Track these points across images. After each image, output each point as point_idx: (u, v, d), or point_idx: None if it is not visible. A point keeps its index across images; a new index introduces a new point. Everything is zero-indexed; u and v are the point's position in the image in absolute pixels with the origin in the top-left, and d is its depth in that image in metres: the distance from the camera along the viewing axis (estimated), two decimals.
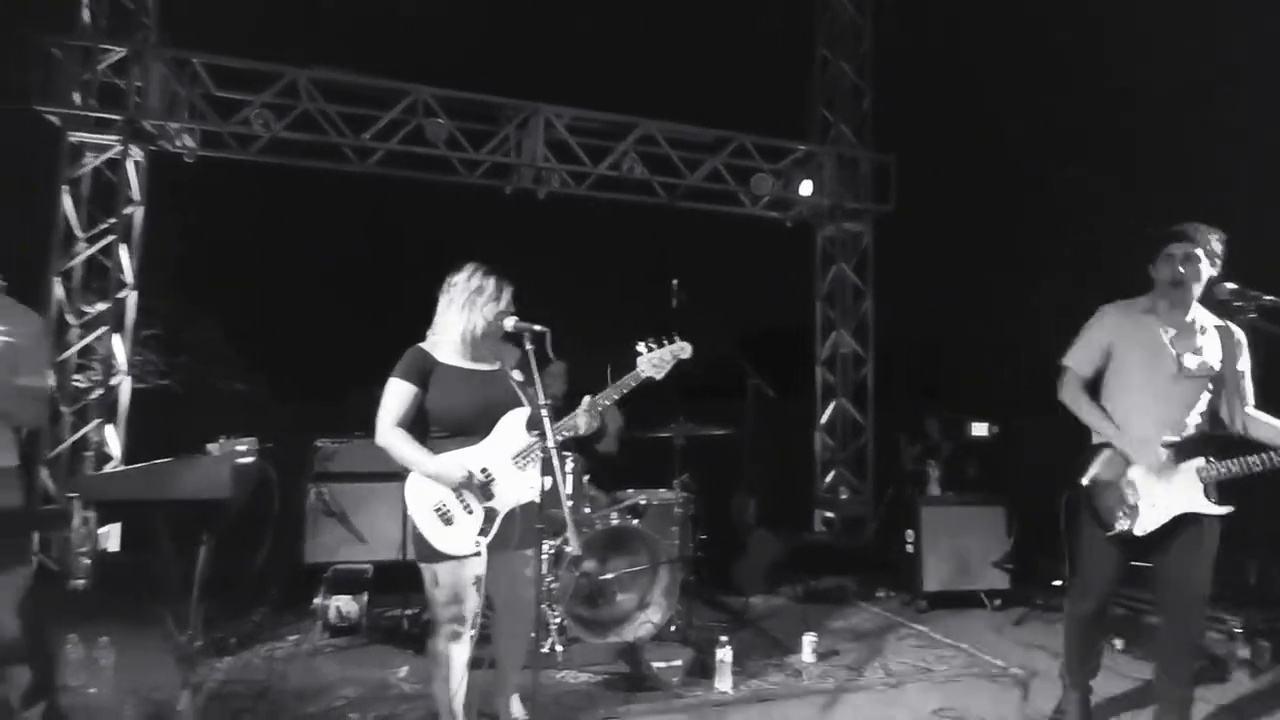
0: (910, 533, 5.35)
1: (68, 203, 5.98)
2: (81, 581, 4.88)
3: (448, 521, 2.68)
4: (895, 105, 8.05)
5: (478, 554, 2.69)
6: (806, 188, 7.59)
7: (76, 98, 5.85)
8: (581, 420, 2.78)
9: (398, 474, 2.76)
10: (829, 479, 8.02)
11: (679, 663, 3.76)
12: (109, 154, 6.07)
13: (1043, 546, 5.26)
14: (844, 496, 7.93)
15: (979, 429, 6.53)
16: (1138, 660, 4.19)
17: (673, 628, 4.30)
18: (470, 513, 2.69)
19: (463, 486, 2.67)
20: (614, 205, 7.34)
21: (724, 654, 3.72)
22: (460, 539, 2.68)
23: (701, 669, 3.80)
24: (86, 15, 6.03)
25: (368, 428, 2.74)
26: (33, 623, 2.57)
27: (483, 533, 2.69)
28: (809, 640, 4.15)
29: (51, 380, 2.65)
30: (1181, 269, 2.96)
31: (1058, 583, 5.12)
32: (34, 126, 5.85)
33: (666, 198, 7.45)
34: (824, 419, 8.11)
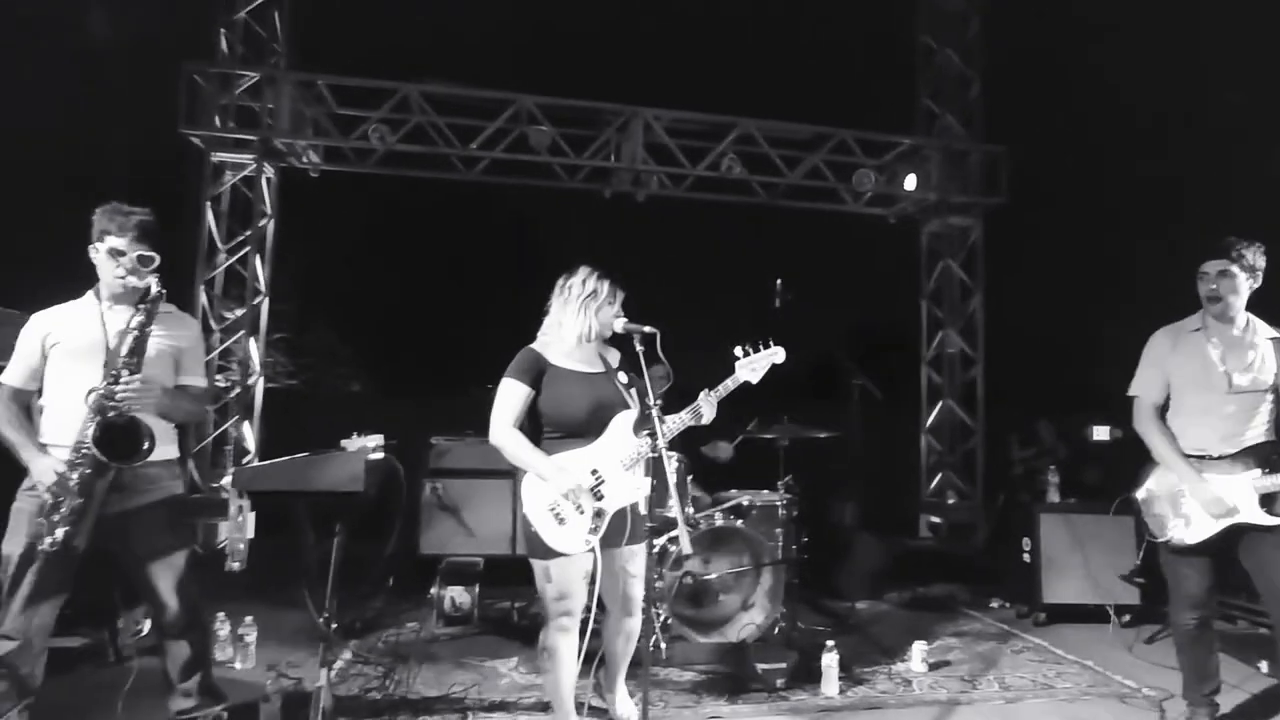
0: (1027, 541, 5.09)
1: (210, 218, 6.53)
2: (238, 565, 5.32)
3: (560, 520, 2.76)
4: (1007, 93, 7.68)
5: (589, 551, 2.76)
6: (911, 182, 7.36)
7: (216, 121, 6.38)
8: (705, 409, 2.82)
9: (507, 471, 2.87)
10: (935, 483, 7.75)
11: (783, 665, 3.73)
12: (245, 171, 6.59)
13: None
14: (951, 501, 7.64)
15: (1101, 433, 6.15)
16: None
17: (776, 630, 4.27)
18: (581, 512, 2.76)
19: (570, 495, 2.75)
20: (714, 206, 7.35)
21: (830, 659, 3.66)
22: (572, 537, 2.75)
23: (806, 673, 3.75)
24: (224, 44, 6.57)
25: (477, 426, 2.86)
26: (192, 601, 2.83)
27: (593, 531, 2.76)
28: (919, 648, 4.03)
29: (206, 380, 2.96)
30: (1215, 285, 3.03)
31: None
32: (182, 148, 6.43)
33: (766, 197, 7.39)
34: (929, 421, 7.84)
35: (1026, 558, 5.09)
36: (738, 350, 2.86)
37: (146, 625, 3.76)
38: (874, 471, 6.59)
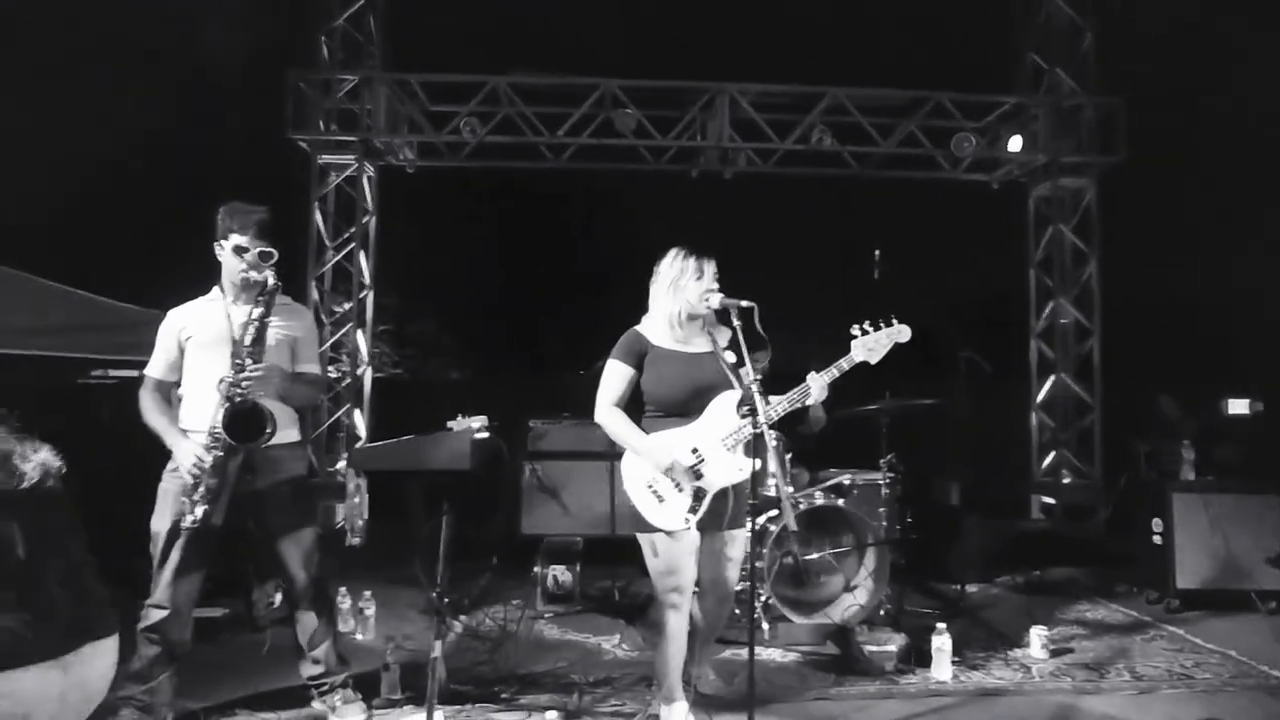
0: (1158, 522, 4.74)
1: (318, 217, 6.89)
2: (358, 540, 5.63)
3: (659, 498, 2.77)
4: (1123, 42, 7.08)
5: (688, 529, 2.76)
6: (1016, 144, 6.94)
7: (320, 124, 6.70)
8: (814, 390, 2.75)
9: (603, 454, 2.90)
10: (1048, 462, 7.34)
11: (892, 648, 3.63)
12: (348, 171, 6.90)
13: None
14: (1066, 481, 7.21)
15: (1238, 406, 5.64)
16: None
17: (882, 612, 4.16)
18: (680, 491, 2.77)
19: (668, 472, 2.75)
20: (805, 180, 7.16)
21: (942, 642, 3.53)
22: (671, 515, 2.76)
23: (916, 656, 3.64)
24: (325, 50, 6.88)
25: (573, 408, 2.89)
26: (318, 575, 3.01)
27: (692, 510, 2.75)
28: (1038, 634, 3.83)
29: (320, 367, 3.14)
30: None
31: None
32: (290, 152, 6.79)
33: (859, 168, 7.15)
34: (1040, 396, 7.41)
35: (1157, 539, 4.75)
36: (855, 329, 2.77)
37: (279, 598, 4.03)
38: (981, 449, 6.29)
